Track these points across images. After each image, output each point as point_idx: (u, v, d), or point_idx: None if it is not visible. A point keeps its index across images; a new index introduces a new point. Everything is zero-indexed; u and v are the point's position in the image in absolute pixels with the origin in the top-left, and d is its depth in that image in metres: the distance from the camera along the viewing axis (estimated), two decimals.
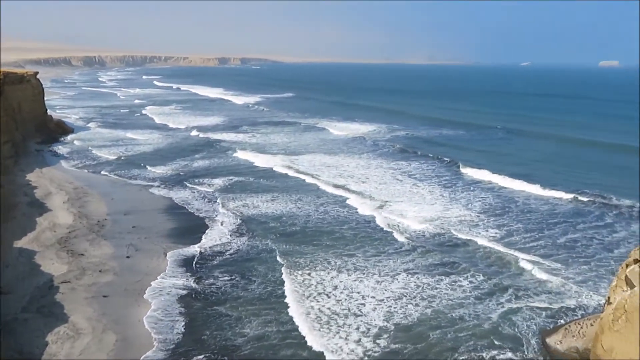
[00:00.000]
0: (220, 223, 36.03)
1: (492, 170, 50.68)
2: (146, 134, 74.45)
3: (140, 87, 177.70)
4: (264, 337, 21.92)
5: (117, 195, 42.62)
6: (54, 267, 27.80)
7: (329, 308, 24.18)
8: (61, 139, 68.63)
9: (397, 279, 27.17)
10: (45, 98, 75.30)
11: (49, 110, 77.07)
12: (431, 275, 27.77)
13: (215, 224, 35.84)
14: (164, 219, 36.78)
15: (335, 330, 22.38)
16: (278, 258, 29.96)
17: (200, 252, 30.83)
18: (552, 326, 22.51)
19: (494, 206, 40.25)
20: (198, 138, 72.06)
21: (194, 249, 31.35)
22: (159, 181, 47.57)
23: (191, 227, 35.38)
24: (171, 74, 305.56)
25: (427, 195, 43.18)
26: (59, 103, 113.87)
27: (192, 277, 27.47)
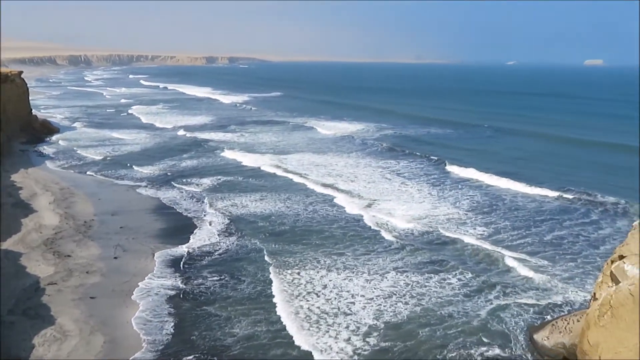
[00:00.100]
0: (209, 223, 35.87)
1: (480, 168, 51.08)
2: (133, 133, 73.80)
3: (127, 87, 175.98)
4: (253, 337, 21.87)
5: (104, 195, 42.24)
6: (40, 268, 27.46)
7: (318, 307, 24.18)
8: (46, 139, 67.74)
9: (387, 277, 27.27)
10: (30, 98, 74.29)
11: (33, 110, 76.06)
12: (420, 273, 27.91)
13: (204, 224, 35.67)
14: (151, 219, 36.52)
15: (325, 329, 22.40)
16: (267, 257, 29.89)
17: (189, 252, 30.65)
18: (540, 322, 22.74)
19: (481, 204, 40.55)
20: (185, 137, 71.62)
21: (183, 249, 31.15)
22: (147, 181, 47.21)
23: (179, 227, 35.17)
24: (158, 73, 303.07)
25: (416, 193, 43.39)
26: (44, 103, 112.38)
27: (180, 278, 27.30)
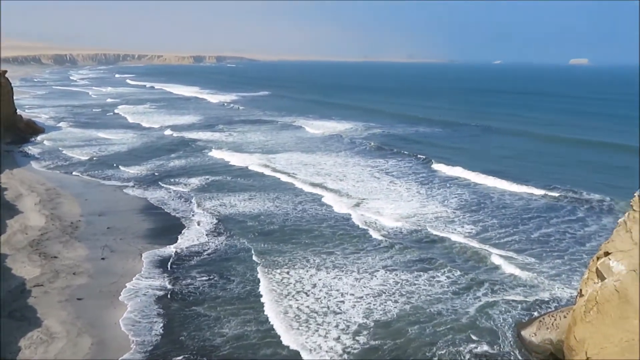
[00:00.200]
0: (197, 223, 35.68)
1: (468, 166, 51.40)
2: (119, 133, 73.17)
3: (113, 86, 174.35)
4: (243, 337, 21.80)
5: (91, 196, 41.82)
6: (26, 270, 27.11)
7: (307, 306, 24.17)
8: (31, 139, 66.94)
9: (376, 276, 27.34)
10: (14, 97, 73.26)
11: (18, 110, 74.94)
12: (409, 271, 28.03)
13: (192, 224, 35.48)
14: (139, 220, 36.24)
15: (315, 328, 22.40)
16: (257, 257, 29.80)
17: (177, 253, 30.46)
18: (527, 319, 22.96)
19: (469, 202, 40.82)
20: (173, 137, 71.13)
21: (171, 249, 30.95)
22: (134, 181, 46.83)
23: (167, 227, 34.94)
24: (145, 72, 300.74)
25: (404, 192, 43.55)
26: (29, 102, 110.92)
27: (169, 278, 27.13)
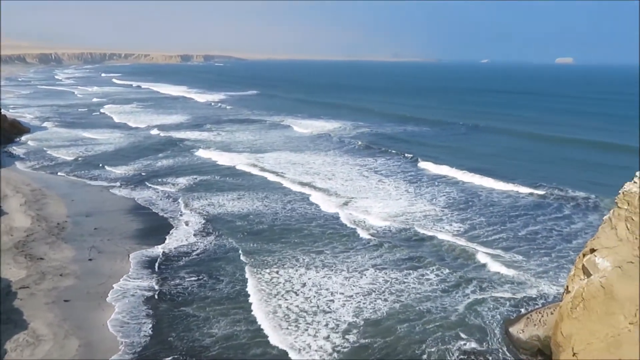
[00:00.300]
0: (185, 223, 35.47)
1: (456, 165, 51.72)
2: (106, 133, 72.50)
3: (99, 85, 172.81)
4: (232, 337, 21.72)
5: (77, 196, 41.37)
6: (12, 272, 26.76)
7: (297, 306, 24.16)
8: (16, 139, 66.12)
9: (366, 275, 27.40)
10: None
11: (2, 110, 73.89)
12: (399, 270, 28.13)
13: (180, 224, 35.27)
14: (127, 220, 35.93)
15: (304, 327, 22.39)
16: (245, 257, 29.71)
17: (165, 253, 30.26)
18: (515, 316, 23.17)
19: (458, 200, 41.07)
20: (160, 137, 70.63)
21: (158, 249, 30.73)
22: (121, 181, 46.44)
23: (155, 227, 34.69)
24: (131, 71, 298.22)
25: (393, 191, 43.69)
26: (14, 102, 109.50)
27: (157, 279, 26.94)
